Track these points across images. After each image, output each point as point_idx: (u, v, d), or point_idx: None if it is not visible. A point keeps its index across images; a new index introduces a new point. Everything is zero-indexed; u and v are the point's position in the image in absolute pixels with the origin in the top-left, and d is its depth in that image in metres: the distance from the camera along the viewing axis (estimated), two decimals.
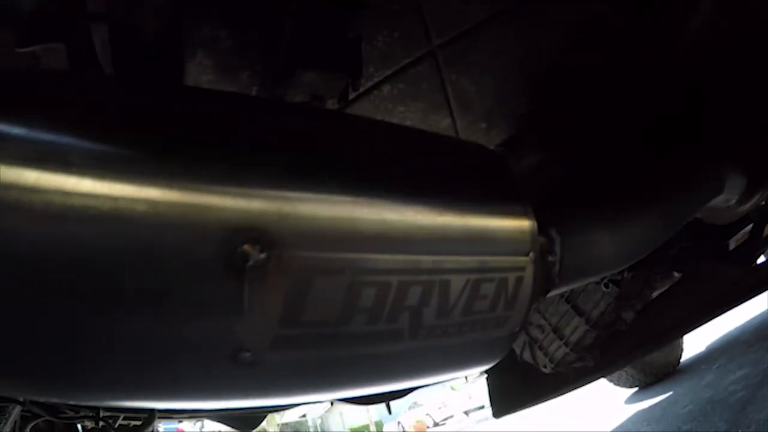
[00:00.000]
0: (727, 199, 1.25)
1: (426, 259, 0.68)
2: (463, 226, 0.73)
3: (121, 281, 0.50)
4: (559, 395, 1.83)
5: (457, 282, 0.71)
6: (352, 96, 1.04)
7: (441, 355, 0.78)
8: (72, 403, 1.24)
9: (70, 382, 0.56)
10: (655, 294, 1.58)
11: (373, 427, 19.90)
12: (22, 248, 0.46)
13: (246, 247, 0.55)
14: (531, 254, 0.79)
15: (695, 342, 4.91)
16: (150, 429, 1.99)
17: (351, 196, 0.64)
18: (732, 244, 1.61)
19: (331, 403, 2.21)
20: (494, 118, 1.24)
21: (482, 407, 16.54)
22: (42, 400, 1.16)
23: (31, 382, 0.55)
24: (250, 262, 0.55)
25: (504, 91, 1.18)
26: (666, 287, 1.58)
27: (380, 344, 0.68)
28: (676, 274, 1.56)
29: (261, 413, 2.47)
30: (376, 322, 0.65)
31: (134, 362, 0.55)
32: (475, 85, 1.16)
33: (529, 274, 0.79)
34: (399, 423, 19.45)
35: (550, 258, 0.86)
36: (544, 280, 0.87)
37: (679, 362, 4.37)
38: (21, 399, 1.48)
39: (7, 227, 0.45)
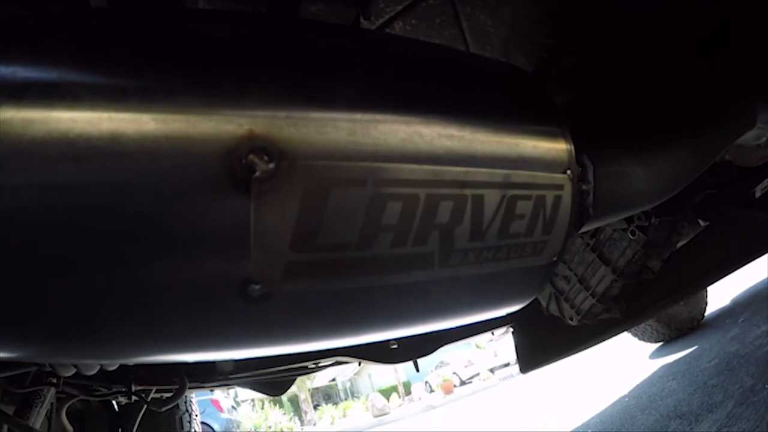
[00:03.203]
0: (758, 136, 1.21)
1: (456, 170, 0.62)
2: (495, 136, 0.67)
3: (109, 210, 0.45)
4: (585, 348, 1.82)
5: (491, 197, 0.65)
6: None
7: (474, 288, 0.71)
8: (74, 361, 1.19)
9: (70, 338, 0.51)
10: (679, 244, 1.56)
11: (401, 388, 20.26)
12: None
13: (252, 157, 0.49)
14: (569, 172, 0.74)
15: (719, 296, 4.86)
16: (182, 399, 2.00)
17: (370, 99, 0.58)
18: (758, 192, 1.57)
19: (359, 364, 2.21)
20: (512, 53, 1.18)
21: (507, 365, 16.75)
22: (47, 360, 1.14)
23: (38, 340, 0.51)
24: (257, 173, 0.49)
25: (521, 25, 1.12)
26: (691, 236, 1.55)
27: (407, 271, 0.61)
28: (702, 223, 1.53)
29: (290, 376, 2.43)
30: (402, 244, 0.59)
31: (135, 308, 0.50)
32: (491, 18, 1.10)
33: (567, 195, 0.74)
34: (426, 382, 19.75)
35: (584, 186, 0.82)
36: (581, 208, 0.82)
37: (703, 316, 4.34)
38: (54, 381, 1.48)
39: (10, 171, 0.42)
